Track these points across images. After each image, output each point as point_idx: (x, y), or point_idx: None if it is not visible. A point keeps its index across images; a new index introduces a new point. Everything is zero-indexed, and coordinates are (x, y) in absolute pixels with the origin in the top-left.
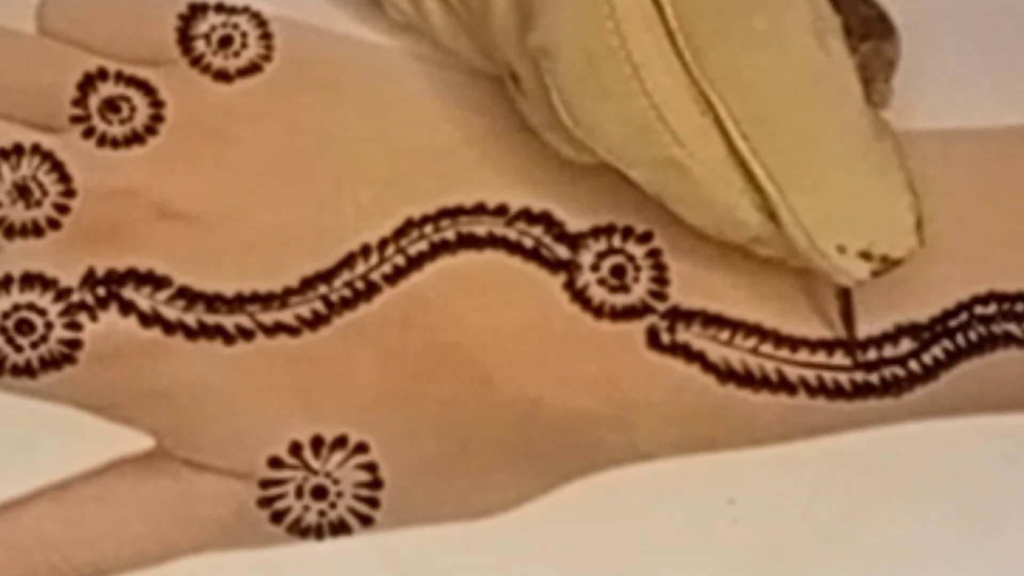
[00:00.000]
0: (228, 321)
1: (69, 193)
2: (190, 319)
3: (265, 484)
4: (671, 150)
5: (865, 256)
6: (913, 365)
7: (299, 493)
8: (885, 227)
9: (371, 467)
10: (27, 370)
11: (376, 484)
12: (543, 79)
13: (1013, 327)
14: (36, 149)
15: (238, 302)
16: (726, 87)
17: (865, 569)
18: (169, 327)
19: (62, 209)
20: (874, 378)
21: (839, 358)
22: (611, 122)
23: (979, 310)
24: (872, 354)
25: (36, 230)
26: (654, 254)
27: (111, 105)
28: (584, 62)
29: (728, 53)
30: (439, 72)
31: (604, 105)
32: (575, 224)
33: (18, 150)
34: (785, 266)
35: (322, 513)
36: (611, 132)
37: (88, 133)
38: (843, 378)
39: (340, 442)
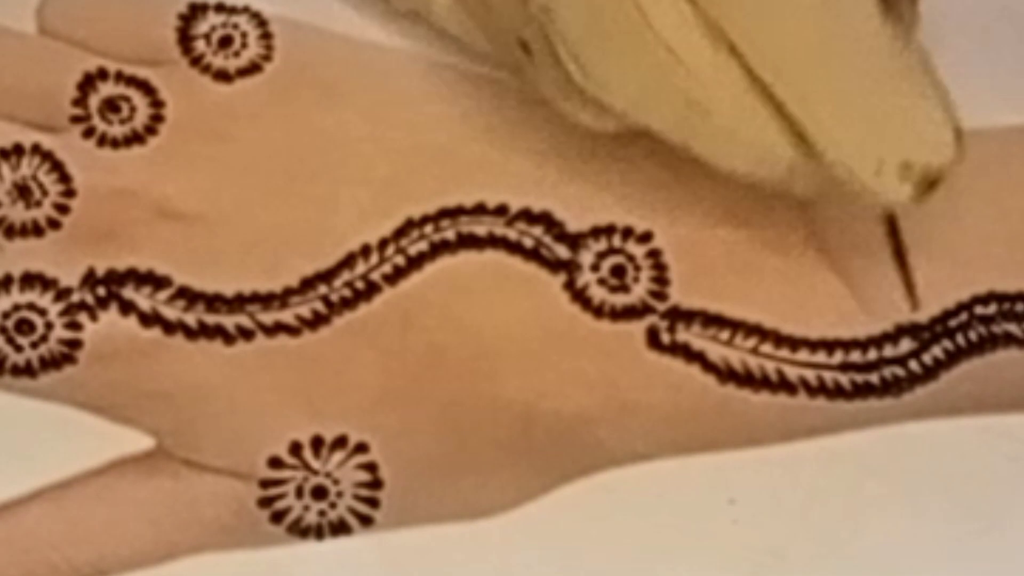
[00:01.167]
0: (228, 321)
1: (69, 193)
2: (190, 319)
3: (265, 484)
4: (689, 90)
5: (905, 169)
6: (913, 365)
7: (299, 493)
8: (920, 136)
9: (371, 467)
10: (27, 370)
11: (376, 484)
12: (550, 38)
13: (1013, 327)
14: (36, 149)
15: (238, 302)
16: (738, 16)
17: (865, 569)
18: (169, 327)
19: (62, 209)
20: (874, 378)
21: (839, 358)
22: (622, 70)
23: (979, 310)
24: (872, 354)
25: (36, 230)
26: (654, 254)
27: (111, 105)
28: (586, 10)
29: None
30: (439, 72)
31: (613, 52)
32: (575, 224)
33: (18, 150)
34: (823, 206)
35: (322, 513)
36: (624, 81)
37: (88, 133)
38: (843, 378)
39: (340, 442)
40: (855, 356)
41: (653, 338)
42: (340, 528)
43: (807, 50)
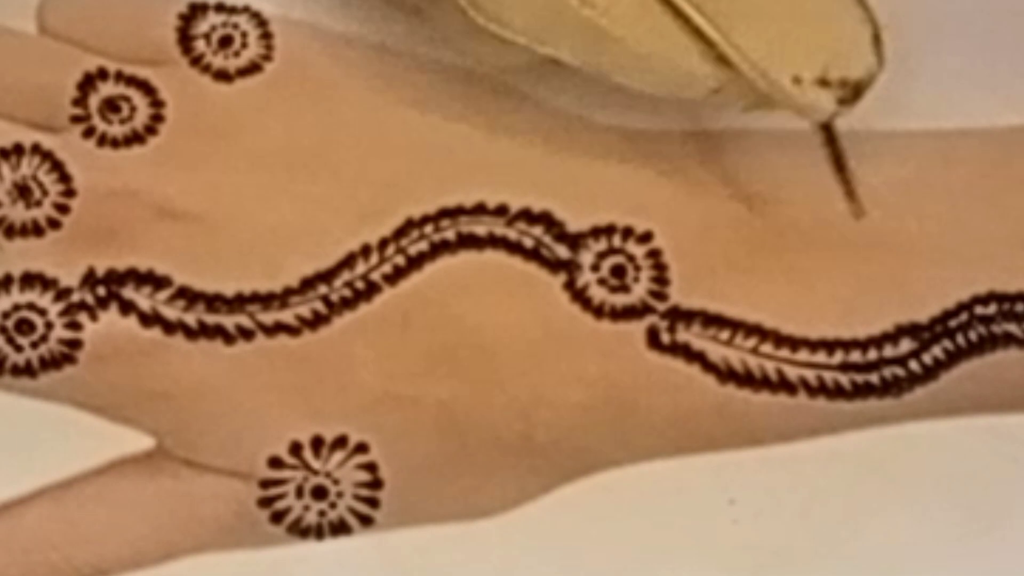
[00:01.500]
0: (228, 321)
1: (69, 193)
2: (190, 319)
3: (265, 484)
4: (583, 14)
5: (823, 83)
6: (913, 365)
7: (299, 493)
8: (837, 49)
9: (371, 467)
10: (27, 370)
11: (376, 484)
12: None
13: (1013, 327)
14: (36, 149)
15: (238, 302)
16: None
17: (865, 569)
18: (169, 327)
19: (62, 209)
20: (874, 378)
21: (839, 358)
22: (518, 3)
23: (979, 310)
24: (872, 354)
25: (36, 230)
26: (654, 254)
27: (111, 105)
28: None
29: None
30: (439, 72)
31: None
32: (575, 224)
33: (18, 150)
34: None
35: (322, 513)
36: (523, 16)
37: (88, 133)
38: (843, 378)
39: (340, 442)
40: (855, 356)
41: (653, 338)
42: (340, 528)
43: None
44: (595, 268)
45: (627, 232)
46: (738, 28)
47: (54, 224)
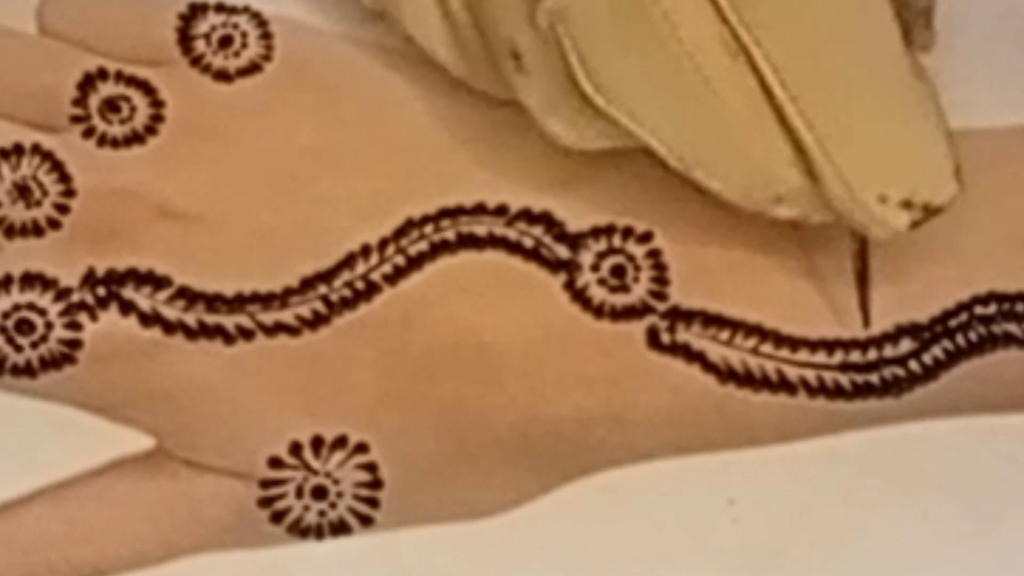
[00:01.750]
0: (228, 321)
1: (69, 193)
2: (190, 319)
3: (265, 484)
4: (704, 98)
5: (907, 205)
6: (913, 365)
7: (299, 493)
8: (927, 174)
9: (371, 467)
10: (27, 370)
11: (376, 484)
12: (560, 45)
13: (1013, 327)
14: (36, 149)
15: (238, 302)
16: (763, 30)
17: (865, 569)
18: (169, 327)
19: (62, 209)
20: (874, 378)
21: (839, 358)
22: (637, 77)
23: (979, 310)
24: (872, 354)
25: (36, 230)
26: (654, 254)
27: (111, 105)
28: (608, 15)
29: None
30: (439, 72)
31: (630, 59)
32: (575, 224)
33: (18, 150)
34: (803, 228)
35: (322, 513)
36: (637, 89)
37: (88, 133)
38: (843, 378)
39: (340, 442)
40: (855, 356)
41: (653, 338)
42: (340, 528)
43: (828, 74)
44: (595, 268)
45: (627, 232)
46: (836, 140)
47: (54, 224)
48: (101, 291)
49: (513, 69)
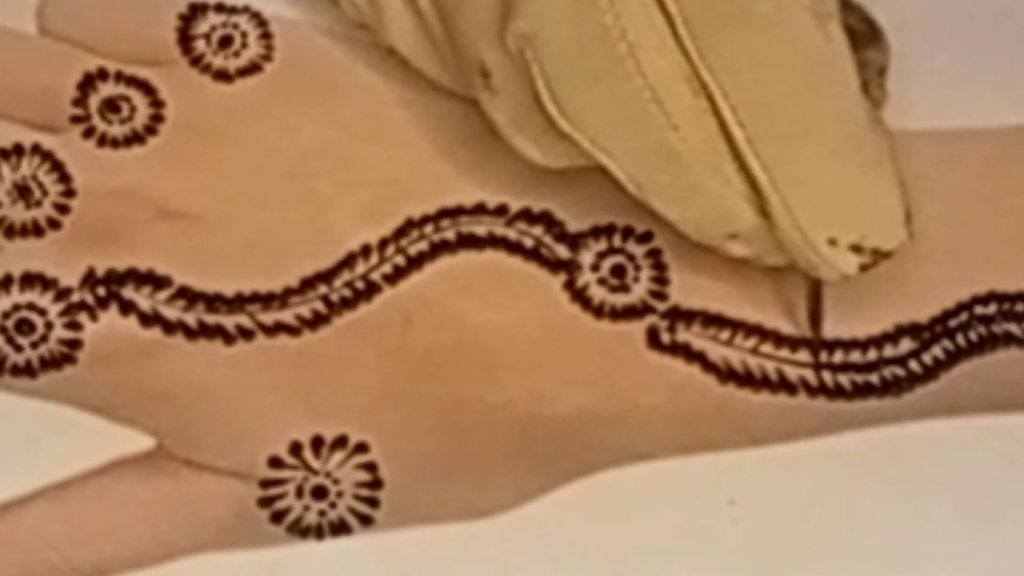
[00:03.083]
0: (228, 321)
1: (69, 193)
2: (190, 319)
3: (265, 484)
4: (664, 133)
5: (856, 249)
6: (913, 365)
7: (299, 493)
8: (877, 220)
9: (371, 467)
10: (27, 370)
11: (376, 484)
12: (528, 68)
13: (1013, 327)
14: (36, 149)
15: (238, 302)
16: (724, 72)
17: (865, 569)
18: (169, 327)
19: (62, 209)
20: (874, 378)
21: (839, 358)
22: (600, 107)
23: (979, 310)
24: (872, 354)
25: (36, 230)
26: (654, 254)
27: (111, 105)
28: (575, 44)
29: (728, 37)
30: None
31: (594, 88)
32: (575, 224)
33: (18, 150)
34: (754, 265)
35: (322, 513)
36: (600, 118)
37: (88, 133)
38: (843, 378)
39: (340, 442)
40: (855, 356)
41: (653, 338)
42: (340, 528)
43: (787, 118)
44: (595, 268)
45: (627, 232)
46: (790, 182)
47: (54, 224)
48: (101, 291)
49: (482, 86)
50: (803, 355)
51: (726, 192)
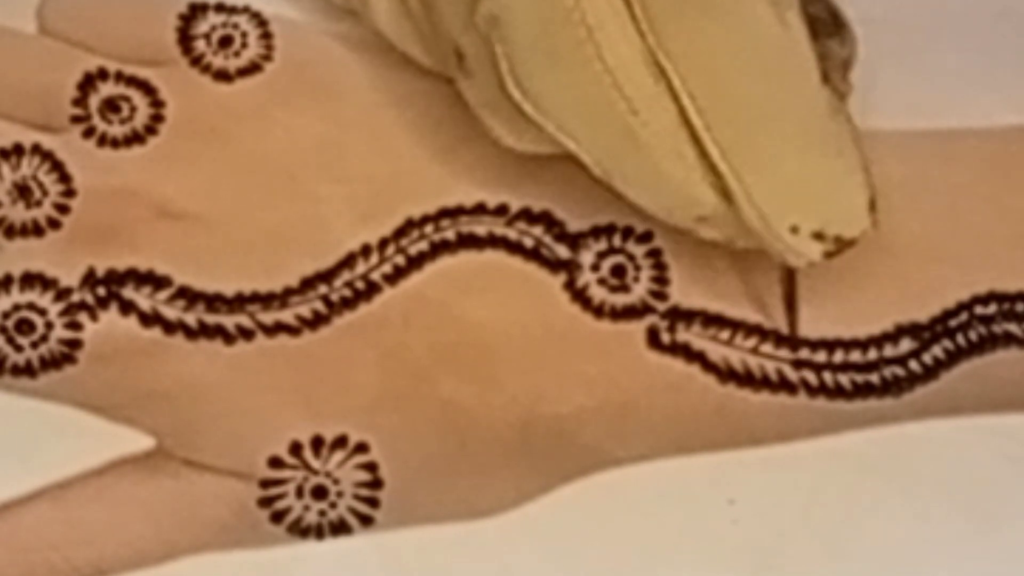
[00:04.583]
0: (228, 321)
1: (69, 193)
2: (190, 319)
3: (265, 484)
4: (625, 118)
5: (818, 237)
6: (913, 365)
7: (299, 493)
8: (839, 207)
9: (371, 467)
10: (27, 370)
11: (376, 484)
12: (493, 51)
13: (1013, 327)
14: (36, 149)
15: (238, 302)
16: (682, 58)
17: (865, 569)
18: (169, 327)
19: (62, 209)
20: (874, 378)
21: (839, 358)
22: (562, 90)
23: (979, 310)
24: (872, 354)
25: (36, 230)
26: (654, 254)
27: (111, 105)
28: (537, 27)
29: (686, 23)
30: (439, 72)
31: (556, 72)
32: (575, 224)
33: (18, 150)
34: (726, 249)
35: (322, 513)
36: (562, 102)
37: (88, 133)
38: (843, 378)
39: (340, 442)
40: (855, 356)
41: (653, 338)
42: (340, 528)
43: (745, 106)
44: (595, 268)
45: (627, 232)
46: (750, 170)
47: (54, 224)
48: (101, 291)
49: (457, 68)
50: (803, 355)
51: (690, 176)
